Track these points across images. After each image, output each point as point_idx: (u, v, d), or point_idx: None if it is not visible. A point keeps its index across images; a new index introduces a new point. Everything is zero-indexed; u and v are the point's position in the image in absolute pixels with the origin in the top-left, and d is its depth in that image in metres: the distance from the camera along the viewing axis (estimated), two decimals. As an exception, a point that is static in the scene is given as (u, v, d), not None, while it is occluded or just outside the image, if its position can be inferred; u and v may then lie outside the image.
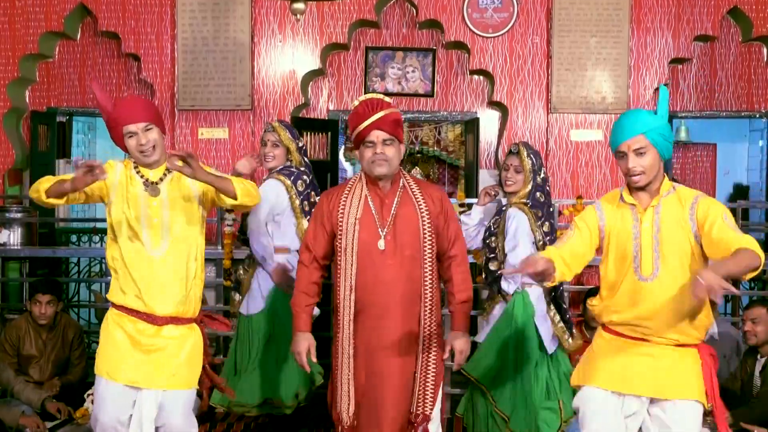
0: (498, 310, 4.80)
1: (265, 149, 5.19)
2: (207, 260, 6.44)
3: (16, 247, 7.05)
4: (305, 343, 3.80)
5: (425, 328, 3.78)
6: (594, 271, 6.97)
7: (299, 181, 5.13)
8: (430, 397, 3.79)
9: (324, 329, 6.05)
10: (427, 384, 3.79)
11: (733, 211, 7.45)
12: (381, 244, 3.74)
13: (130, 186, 3.78)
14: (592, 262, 3.69)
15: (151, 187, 3.76)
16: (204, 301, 4.21)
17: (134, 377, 3.77)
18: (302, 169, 5.21)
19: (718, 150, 11.25)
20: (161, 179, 3.78)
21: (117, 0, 7.53)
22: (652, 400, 3.51)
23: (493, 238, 4.83)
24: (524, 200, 4.81)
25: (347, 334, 3.78)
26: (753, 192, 10.48)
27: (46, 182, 3.66)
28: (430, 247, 3.79)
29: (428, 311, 3.79)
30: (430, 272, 3.79)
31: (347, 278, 3.76)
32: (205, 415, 5.46)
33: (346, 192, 3.85)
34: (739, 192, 10.78)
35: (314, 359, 3.83)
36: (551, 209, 4.93)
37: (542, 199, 4.84)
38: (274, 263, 5.08)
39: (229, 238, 6.05)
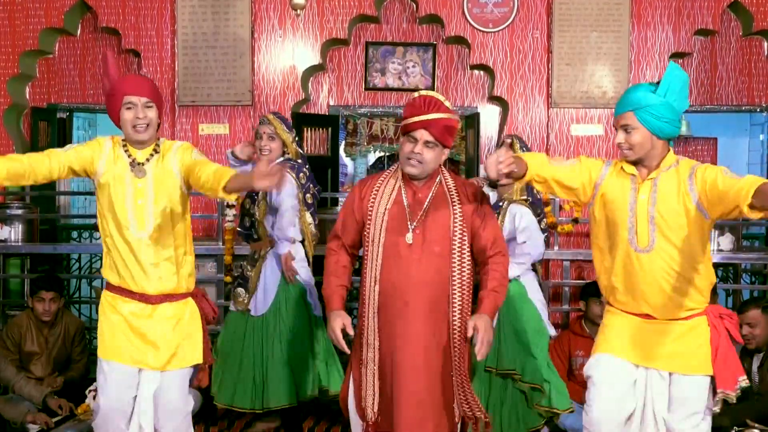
0: None
1: (261, 142, 5.14)
2: (208, 256, 6.53)
3: (17, 244, 7.06)
4: (339, 320, 3.63)
5: (455, 330, 3.66)
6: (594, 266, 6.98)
7: (300, 173, 5.15)
8: (472, 398, 3.67)
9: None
10: (465, 386, 3.67)
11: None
12: (409, 237, 3.64)
13: (117, 164, 3.77)
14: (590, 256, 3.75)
15: (138, 167, 3.75)
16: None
17: (137, 357, 3.80)
18: (300, 161, 5.21)
19: (719, 144, 11.24)
20: (147, 160, 3.76)
21: (117, -4, 7.54)
22: (659, 373, 3.56)
23: None
24: (524, 197, 4.86)
25: (372, 327, 3.69)
26: (754, 186, 10.47)
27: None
28: (459, 246, 3.67)
29: (458, 312, 3.67)
30: (459, 272, 3.67)
31: (372, 269, 3.67)
32: (205, 411, 5.47)
33: (380, 181, 3.78)
34: (740, 186, 10.77)
35: (350, 332, 3.65)
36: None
37: (538, 196, 4.92)
38: (289, 245, 5.05)
39: (230, 233, 6.05)
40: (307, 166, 5.24)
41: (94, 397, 5.45)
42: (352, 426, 3.84)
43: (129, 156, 3.78)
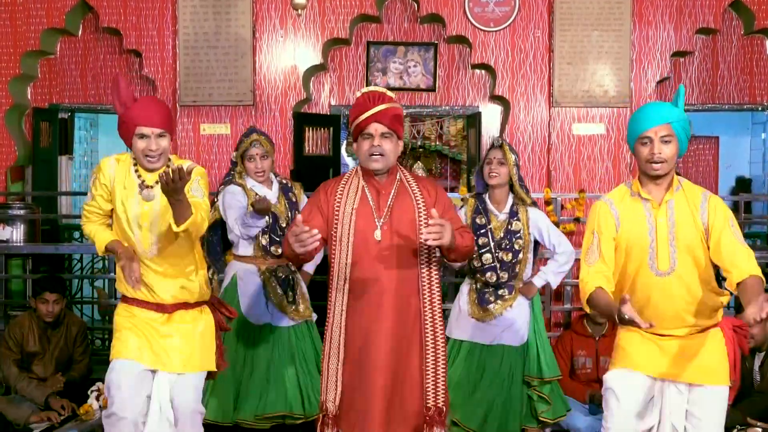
0: (517, 306, 4.93)
1: (255, 164, 5.05)
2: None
3: (18, 244, 7.07)
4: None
5: (426, 322, 3.73)
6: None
7: (290, 193, 5.19)
8: (442, 389, 3.73)
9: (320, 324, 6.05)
10: (438, 375, 3.73)
11: (736, 204, 7.45)
12: (377, 234, 3.68)
13: (126, 183, 3.77)
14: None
15: (146, 191, 3.74)
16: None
17: (151, 360, 3.81)
18: (288, 181, 5.30)
19: (721, 143, 11.25)
20: (157, 182, 3.68)
21: (118, -4, 7.55)
22: (676, 384, 3.54)
23: (509, 239, 4.90)
24: (530, 201, 5.00)
25: (339, 324, 3.71)
26: (755, 185, 10.49)
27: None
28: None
29: (428, 304, 3.73)
30: (427, 265, 3.73)
31: (341, 268, 3.69)
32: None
33: (343, 183, 3.81)
34: (742, 185, 10.79)
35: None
36: None
37: (530, 200, 5.06)
38: (252, 224, 4.92)
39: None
40: (294, 190, 5.27)
41: (97, 398, 5.49)
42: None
43: (139, 177, 3.77)
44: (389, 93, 3.78)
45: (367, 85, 7.80)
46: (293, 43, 7.54)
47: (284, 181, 5.26)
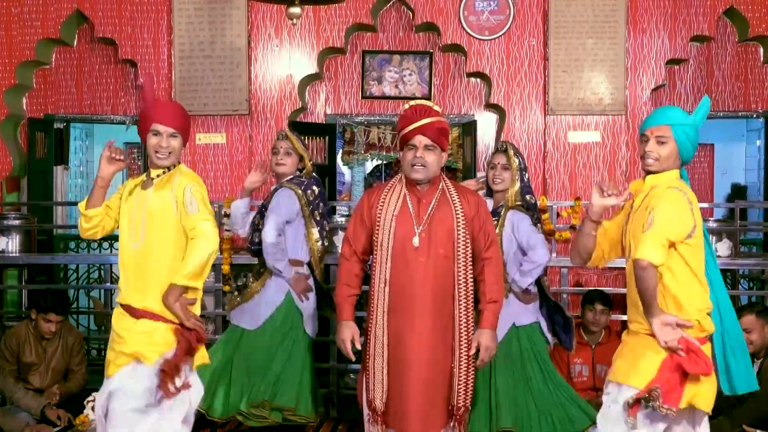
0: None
1: (277, 157, 5.22)
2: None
3: (14, 255, 7.05)
4: (349, 332, 4.02)
5: (461, 326, 3.97)
6: (593, 272, 6.98)
7: (309, 191, 5.18)
8: (471, 389, 4.00)
9: (323, 334, 6.06)
10: (469, 378, 3.98)
11: (731, 211, 7.46)
12: (416, 241, 3.95)
13: (135, 182, 3.96)
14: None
15: (148, 180, 3.90)
16: (203, 307, 4.18)
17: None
18: (311, 179, 5.26)
19: (716, 150, 11.28)
20: (158, 176, 3.88)
21: (113, 6, 7.52)
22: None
23: None
24: (519, 202, 4.86)
25: (381, 325, 3.96)
26: (751, 192, 10.51)
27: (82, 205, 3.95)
28: (463, 247, 3.98)
29: (463, 309, 3.97)
30: (464, 272, 3.97)
31: (382, 272, 3.96)
32: (203, 422, 5.44)
33: (387, 190, 4.07)
34: (737, 192, 10.82)
35: (358, 346, 4.02)
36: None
37: (532, 201, 4.93)
38: (292, 273, 5.06)
39: (228, 243, 6.04)
40: (319, 186, 5.28)
41: (93, 408, 5.47)
42: (363, 417, 4.10)
43: (147, 173, 3.94)
44: (436, 107, 4.02)
45: (362, 94, 7.83)
46: (288, 52, 7.54)
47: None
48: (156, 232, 3.80)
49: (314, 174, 5.35)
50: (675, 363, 3.41)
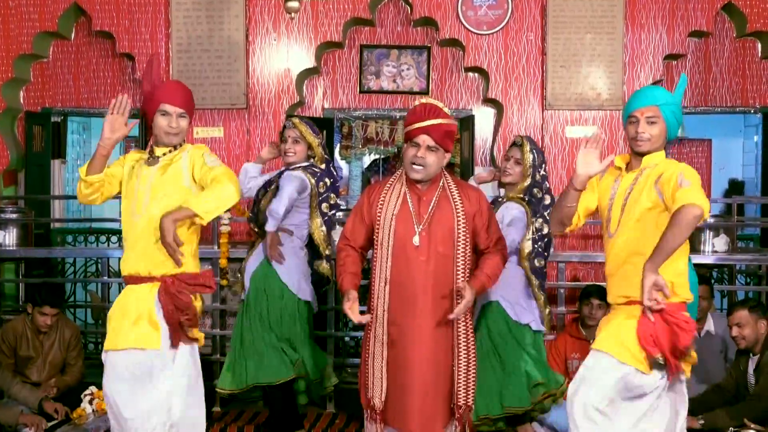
0: None
1: (286, 146, 5.22)
2: (203, 259, 6.49)
3: (11, 248, 7.04)
4: (352, 298, 3.90)
5: (460, 324, 3.99)
6: (590, 267, 6.98)
7: (321, 183, 5.17)
8: (472, 388, 4.03)
9: (320, 328, 6.06)
10: (469, 376, 4.01)
11: (729, 206, 7.46)
12: (416, 240, 3.95)
13: (138, 160, 4.02)
14: (588, 258, 3.80)
15: (152, 158, 3.95)
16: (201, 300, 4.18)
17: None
18: (323, 168, 5.24)
19: (713, 146, 11.26)
20: (164, 154, 3.95)
21: (111, 0, 7.52)
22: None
23: None
24: (521, 195, 4.88)
25: (381, 323, 3.96)
26: (748, 187, 10.52)
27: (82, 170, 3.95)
28: (463, 246, 3.98)
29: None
30: (463, 271, 3.97)
31: (382, 270, 3.96)
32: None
33: (387, 188, 4.06)
34: (735, 187, 10.82)
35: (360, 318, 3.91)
36: (547, 206, 4.96)
37: (539, 195, 4.90)
38: (275, 225, 5.00)
39: (225, 237, 6.04)
40: (329, 177, 5.26)
41: (90, 402, 5.47)
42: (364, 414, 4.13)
43: (150, 151, 3.99)
44: (446, 109, 3.98)
45: (360, 89, 7.83)
46: (286, 46, 7.53)
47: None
48: (161, 206, 3.81)
49: (329, 161, 5.33)
50: (664, 334, 3.45)
